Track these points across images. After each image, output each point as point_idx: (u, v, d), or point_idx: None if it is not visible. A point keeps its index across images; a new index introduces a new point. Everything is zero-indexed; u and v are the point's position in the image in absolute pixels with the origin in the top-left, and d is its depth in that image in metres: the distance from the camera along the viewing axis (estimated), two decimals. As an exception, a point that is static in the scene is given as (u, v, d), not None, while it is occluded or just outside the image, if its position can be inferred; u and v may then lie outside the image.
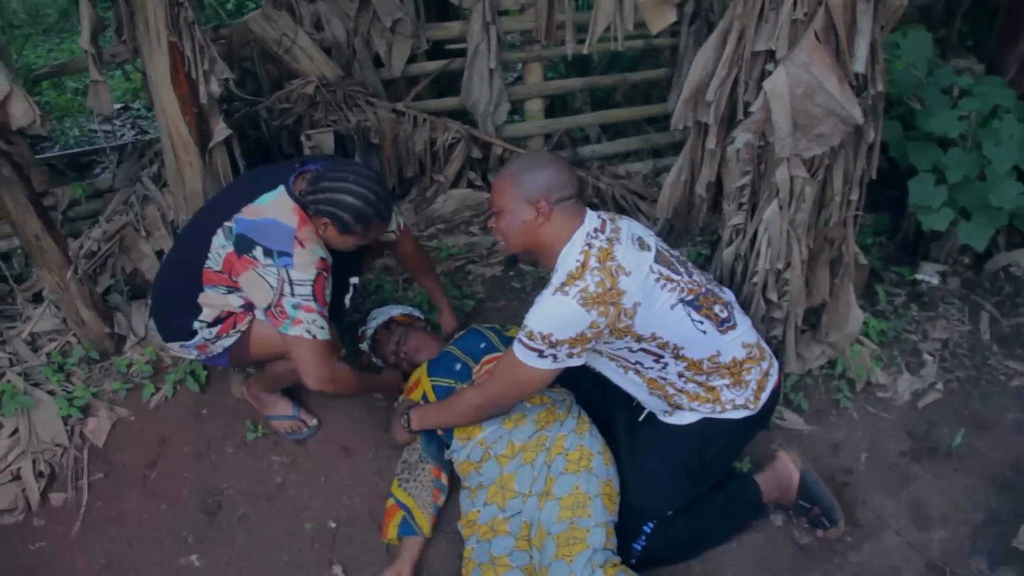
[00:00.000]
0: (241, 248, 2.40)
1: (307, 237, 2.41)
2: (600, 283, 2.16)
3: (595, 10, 2.74)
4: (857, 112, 2.33)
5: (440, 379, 2.77)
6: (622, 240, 2.30)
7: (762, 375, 2.46)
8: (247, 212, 2.43)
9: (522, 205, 2.28)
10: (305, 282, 2.38)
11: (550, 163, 2.33)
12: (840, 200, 2.68)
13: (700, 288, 2.38)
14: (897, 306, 3.51)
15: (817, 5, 2.30)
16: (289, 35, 3.37)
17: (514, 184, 2.30)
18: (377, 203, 2.41)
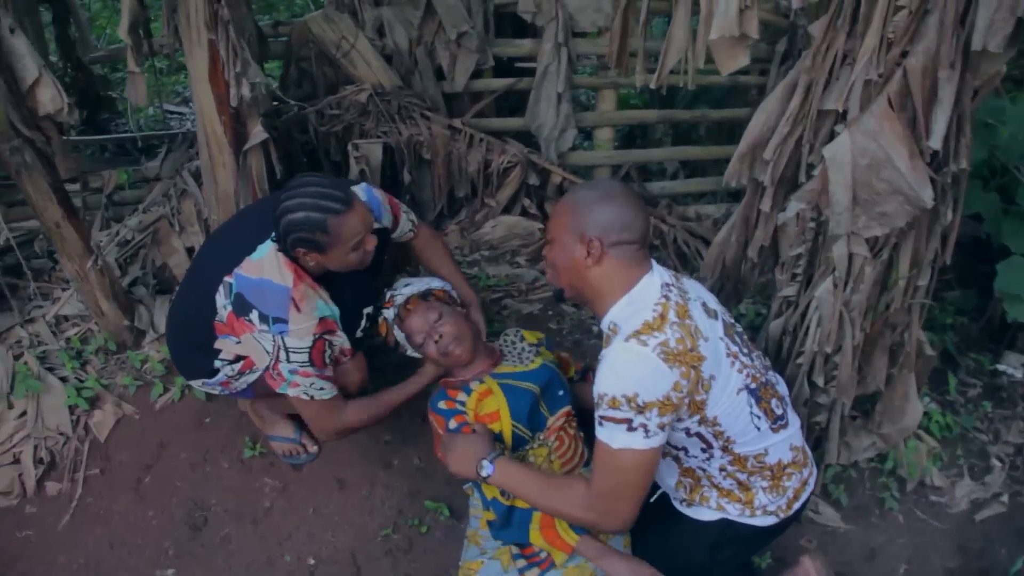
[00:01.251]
0: (239, 310, 2.28)
1: (304, 296, 2.26)
2: (681, 340, 1.88)
3: (666, 43, 2.51)
4: (927, 194, 2.04)
5: (520, 427, 2.31)
6: (691, 300, 2.04)
7: (801, 483, 2.19)
8: (246, 268, 2.29)
9: (574, 239, 2.00)
10: (301, 350, 2.24)
11: (615, 198, 2.02)
12: (905, 285, 2.38)
13: (761, 376, 2.13)
14: (969, 399, 3.16)
15: (895, 66, 2.03)
16: (348, 39, 3.25)
17: (570, 214, 2.03)
18: (318, 202, 2.17)
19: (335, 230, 2.19)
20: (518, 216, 3.56)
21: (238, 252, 2.31)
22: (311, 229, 2.18)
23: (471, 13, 3.34)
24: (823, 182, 2.14)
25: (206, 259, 2.52)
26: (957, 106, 2.07)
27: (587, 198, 2.03)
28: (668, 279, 2.04)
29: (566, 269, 2.06)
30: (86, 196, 3.48)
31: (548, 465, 2.28)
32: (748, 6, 2.20)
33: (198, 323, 2.39)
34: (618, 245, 1.98)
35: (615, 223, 1.98)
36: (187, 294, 2.54)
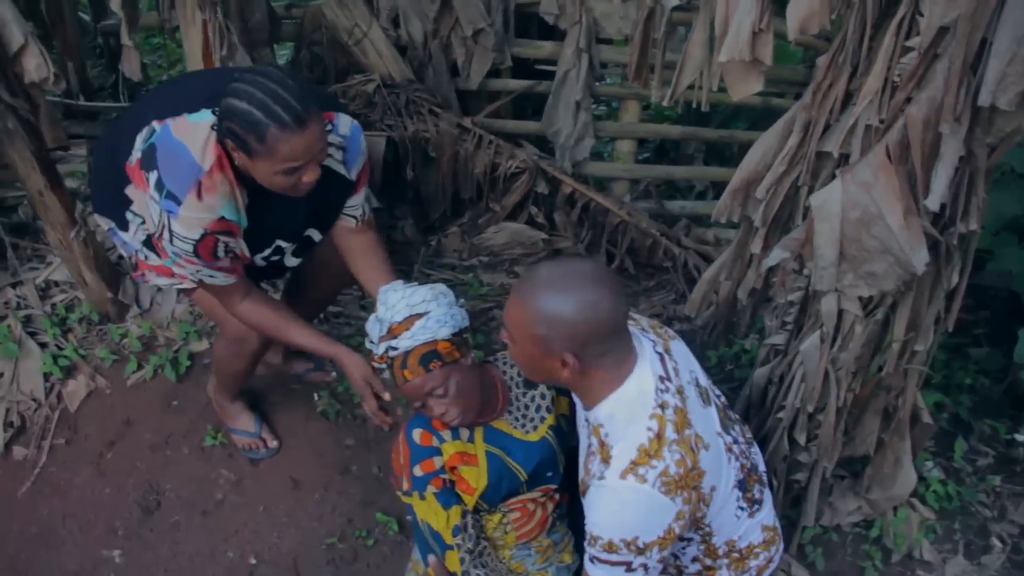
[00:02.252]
0: (145, 163, 1.99)
1: (214, 186, 1.94)
2: (681, 462, 1.66)
3: (681, 60, 2.36)
4: (920, 259, 1.85)
5: (485, 505, 2.09)
6: (685, 385, 1.81)
7: (766, 561, 2.02)
8: (176, 124, 1.99)
9: (541, 352, 1.68)
10: (186, 239, 1.96)
11: (585, 299, 1.63)
12: (901, 348, 2.19)
13: (747, 461, 1.96)
14: (978, 469, 2.94)
15: (898, 113, 1.84)
16: (362, 26, 3.16)
17: (533, 323, 1.65)
18: (268, 102, 1.80)
19: (271, 142, 1.84)
20: (523, 224, 3.43)
21: (181, 105, 2.03)
22: (247, 127, 1.84)
23: (490, 10, 3.22)
24: (808, 232, 1.97)
25: (154, 96, 2.33)
26: (969, 162, 1.88)
27: (551, 306, 1.64)
28: (659, 368, 1.77)
29: (535, 372, 1.79)
30: (91, 162, 3.46)
31: (502, 534, 2.11)
32: (762, 30, 2.04)
33: (118, 158, 2.12)
34: (599, 356, 1.69)
35: (592, 335, 1.65)
36: (122, 123, 2.24)
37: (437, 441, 2.03)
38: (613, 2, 3.23)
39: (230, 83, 1.88)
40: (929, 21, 1.71)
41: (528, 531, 2.13)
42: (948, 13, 1.69)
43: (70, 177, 3.50)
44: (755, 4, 2.00)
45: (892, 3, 1.82)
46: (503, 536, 2.12)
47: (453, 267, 3.34)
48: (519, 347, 1.73)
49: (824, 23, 1.83)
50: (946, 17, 1.69)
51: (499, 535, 2.12)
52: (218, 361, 2.62)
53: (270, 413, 2.85)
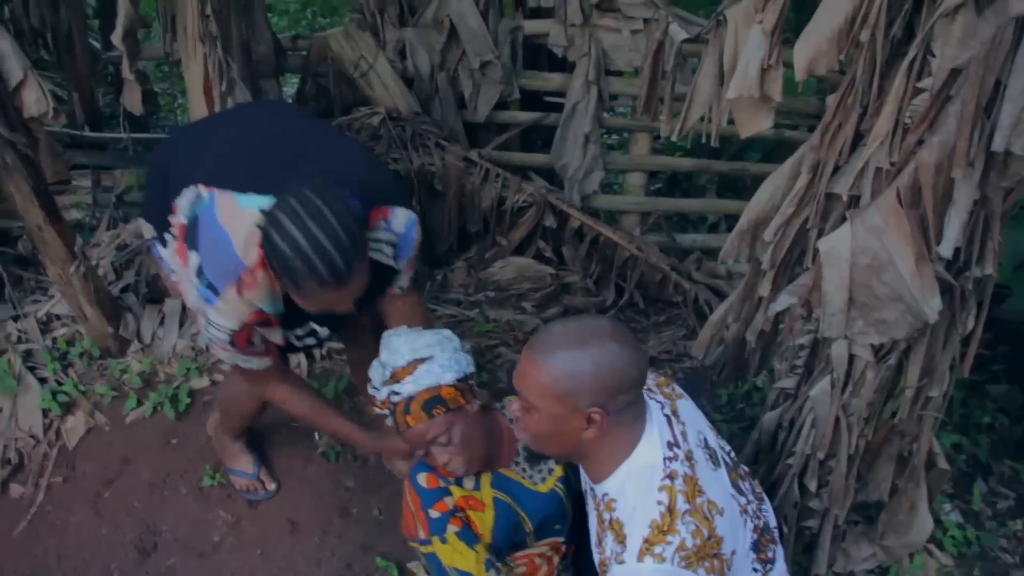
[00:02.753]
0: (187, 237, 1.92)
1: (255, 283, 1.87)
2: (696, 532, 1.59)
3: (690, 95, 2.31)
4: (932, 308, 1.78)
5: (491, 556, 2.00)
6: (694, 449, 1.74)
7: None
8: (223, 203, 1.88)
9: (567, 411, 1.62)
10: (221, 327, 1.91)
11: (617, 351, 1.61)
12: (915, 394, 2.12)
13: (759, 520, 1.88)
14: (998, 512, 2.84)
15: (910, 155, 1.78)
16: (367, 59, 3.13)
17: (560, 380, 1.60)
18: (311, 256, 1.69)
19: (307, 292, 1.79)
20: (530, 259, 3.38)
21: (233, 171, 1.93)
22: (284, 270, 1.76)
23: (498, 42, 3.18)
24: (816, 278, 1.91)
25: (209, 131, 2.16)
26: (984, 206, 1.81)
27: (578, 360, 1.61)
28: (667, 432, 1.71)
29: (553, 440, 1.70)
30: (97, 193, 3.45)
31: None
32: (771, 66, 1.99)
33: (168, 182, 2.04)
34: (622, 409, 1.65)
35: (623, 384, 1.62)
36: (179, 144, 2.16)
37: (444, 483, 1.98)
38: (623, 34, 3.20)
39: (289, 196, 1.74)
40: (941, 62, 1.66)
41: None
42: (960, 55, 1.63)
43: (75, 208, 3.49)
44: (764, 40, 1.96)
45: (903, 43, 1.77)
46: None
47: (459, 302, 3.28)
48: (540, 413, 1.65)
49: (832, 64, 1.78)
50: (958, 59, 1.64)
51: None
52: (227, 400, 2.57)
53: (270, 453, 2.79)
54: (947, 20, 1.64)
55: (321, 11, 5.86)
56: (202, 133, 2.17)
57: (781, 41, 1.96)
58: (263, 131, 2.08)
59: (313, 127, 2.18)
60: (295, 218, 1.70)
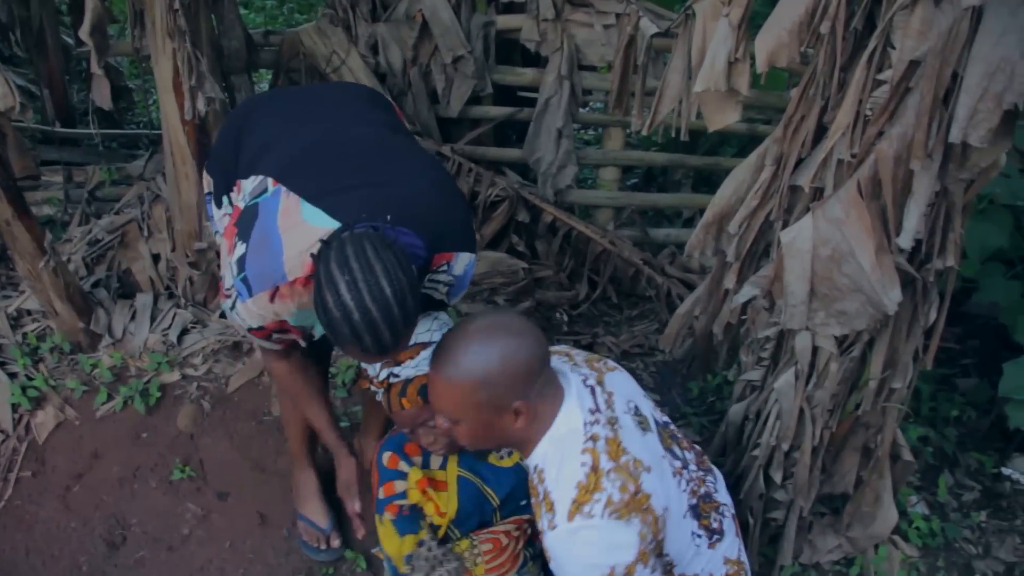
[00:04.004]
0: (240, 225, 1.86)
1: (290, 295, 1.80)
2: (623, 487, 1.64)
3: (659, 90, 2.33)
4: (892, 299, 1.81)
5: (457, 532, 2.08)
6: (619, 415, 1.78)
7: None
8: (287, 209, 1.80)
9: (492, 414, 1.68)
10: (244, 320, 1.87)
11: (517, 340, 1.67)
12: (879, 385, 2.14)
13: (700, 487, 1.91)
14: (963, 504, 2.87)
15: (871, 147, 1.80)
16: (340, 54, 3.13)
17: (475, 390, 1.65)
18: (361, 330, 1.61)
19: (347, 351, 1.72)
20: (503, 253, 3.38)
21: (310, 176, 1.85)
22: (330, 329, 1.66)
23: (470, 37, 3.19)
24: (778, 269, 1.93)
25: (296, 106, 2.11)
26: (945, 197, 1.84)
27: (480, 366, 1.64)
28: (588, 400, 1.75)
29: (486, 439, 1.77)
30: (69, 189, 3.43)
31: (471, 564, 2.05)
32: (738, 59, 2.01)
33: (240, 148, 2.02)
34: (542, 391, 1.71)
35: (532, 371, 1.68)
36: (258, 109, 2.13)
37: (405, 466, 2.03)
38: (595, 29, 3.21)
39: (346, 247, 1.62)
40: (900, 54, 1.69)
41: (499, 565, 2.08)
42: (919, 47, 1.66)
43: (47, 204, 3.46)
44: (731, 33, 1.97)
45: (863, 36, 1.79)
46: (472, 567, 2.07)
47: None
48: (467, 423, 1.70)
49: (793, 56, 1.80)
50: (917, 51, 1.66)
51: (468, 564, 2.07)
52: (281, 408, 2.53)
53: (240, 443, 2.78)
54: (906, 12, 1.67)
55: (298, 7, 5.85)
56: (288, 113, 2.09)
57: (748, 35, 1.98)
58: (346, 134, 2.00)
59: (396, 140, 2.06)
60: (352, 287, 1.59)
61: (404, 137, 2.15)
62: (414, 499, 2.05)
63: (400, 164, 1.94)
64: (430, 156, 2.15)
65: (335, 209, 1.77)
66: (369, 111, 2.17)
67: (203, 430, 2.85)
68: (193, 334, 3.06)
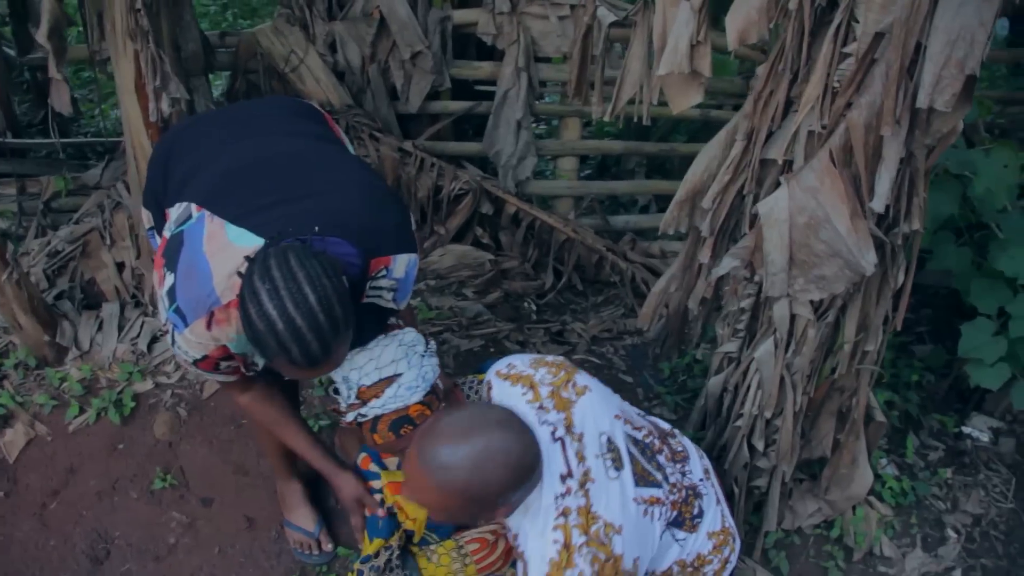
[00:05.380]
0: (167, 255, 1.81)
1: (227, 320, 1.75)
2: (594, 559, 1.68)
3: (621, 76, 2.37)
4: (868, 261, 1.88)
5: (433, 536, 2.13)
6: (592, 468, 1.78)
7: (721, 564, 2.02)
8: (211, 231, 1.76)
9: (474, 514, 1.74)
10: (187, 352, 1.81)
11: (503, 453, 1.64)
12: (852, 349, 2.23)
13: (680, 495, 1.95)
14: (929, 463, 2.99)
15: (840, 117, 1.88)
16: (298, 53, 3.12)
17: (463, 501, 1.64)
18: (287, 341, 1.59)
19: (278, 365, 1.70)
20: (468, 246, 3.41)
21: (232, 198, 1.81)
22: (256, 343, 1.65)
23: (427, 32, 3.21)
24: (757, 239, 1.99)
25: (215, 131, 2.04)
26: (909, 163, 1.92)
27: (477, 481, 1.62)
28: (559, 463, 1.74)
29: (455, 522, 1.90)
30: (23, 201, 3.35)
31: (460, 564, 2.07)
32: (700, 42, 2.06)
33: (168, 178, 1.97)
34: (527, 489, 1.72)
35: (522, 479, 1.68)
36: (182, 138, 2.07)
37: (376, 467, 2.05)
38: (550, 20, 3.25)
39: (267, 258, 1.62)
40: (864, 27, 1.75)
41: (490, 563, 2.11)
42: (882, 19, 1.73)
43: (0, 217, 3.38)
44: (692, 17, 2.02)
45: (828, 10, 1.86)
46: (462, 568, 2.08)
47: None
48: (447, 515, 1.73)
49: (763, 32, 1.86)
50: (880, 23, 1.73)
51: (457, 567, 2.08)
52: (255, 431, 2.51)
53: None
54: (869, -13, 1.74)
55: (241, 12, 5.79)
56: (211, 136, 2.05)
57: (708, 18, 2.04)
58: (269, 150, 1.96)
59: (322, 149, 2.04)
60: (273, 295, 1.58)
61: (330, 145, 2.12)
62: (389, 500, 2.07)
63: (326, 174, 1.91)
64: (358, 162, 2.12)
65: (260, 227, 1.74)
66: (294, 123, 2.14)
67: (181, 437, 2.81)
68: (163, 342, 3.02)
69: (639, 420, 2.01)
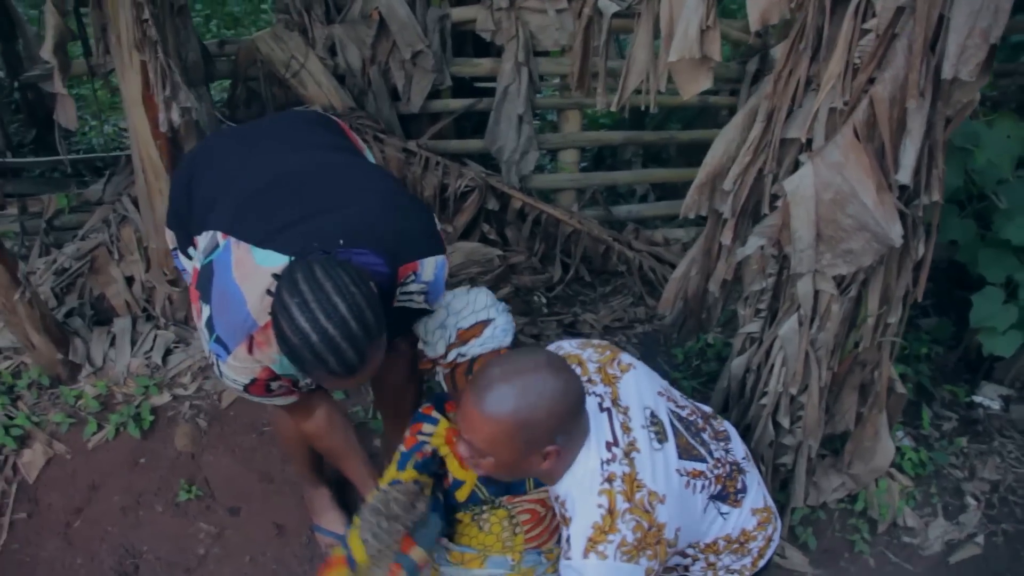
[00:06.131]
0: (200, 286, 1.83)
1: (267, 342, 1.76)
2: (637, 527, 1.69)
3: (626, 65, 2.39)
4: (896, 232, 1.91)
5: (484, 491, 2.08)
6: (638, 439, 1.80)
7: (765, 541, 2.04)
8: (239, 256, 1.78)
9: (523, 454, 1.68)
10: (234, 380, 1.84)
11: (560, 382, 1.66)
12: (875, 322, 2.25)
13: (724, 469, 1.97)
14: (944, 433, 3.03)
15: (862, 94, 1.90)
16: (298, 58, 3.11)
17: (514, 429, 1.63)
18: (322, 351, 1.61)
19: (318, 378, 1.75)
20: (476, 242, 3.41)
21: (256, 221, 1.80)
22: (293, 358, 1.67)
23: (427, 31, 3.20)
24: (784, 217, 2.01)
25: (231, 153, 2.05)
26: (929, 136, 1.95)
27: (528, 405, 1.63)
28: (606, 432, 1.77)
29: (510, 473, 1.78)
30: (24, 220, 3.31)
31: (510, 533, 2.09)
32: (710, 27, 2.08)
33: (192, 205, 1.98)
34: (575, 433, 1.73)
35: (570, 416, 1.69)
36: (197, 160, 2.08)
37: (438, 414, 2.08)
38: (548, 14, 3.26)
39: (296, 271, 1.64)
40: (885, 3, 1.78)
41: (537, 535, 2.12)
42: (903, -6, 1.75)
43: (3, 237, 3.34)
44: (701, 2, 2.04)
45: (846, -11, 1.89)
46: (511, 537, 2.10)
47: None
48: (495, 458, 1.69)
49: (785, 13, 1.88)
50: (901, -1, 1.76)
51: (507, 535, 2.10)
52: (277, 434, 2.49)
53: (244, 457, 2.74)
54: (889, -38, 1.76)
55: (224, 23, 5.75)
56: (229, 160, 2.04)
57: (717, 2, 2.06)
58: (286, 168, 1.95)
59: (339, 160, 2.07)
60: (303, 308, 1.60)
61: (347, 155, 2.14)
62: (437, 443, 2.08)
63: (345, 185, 1.93)
64: (377, 170, 2.15)
65: (285, 246, 1.75)
66: (309, 135, 2.16)
67: (203, 448, 2.80)
68: (177, 353, 3.01)
69: (682, 400, 2.03)
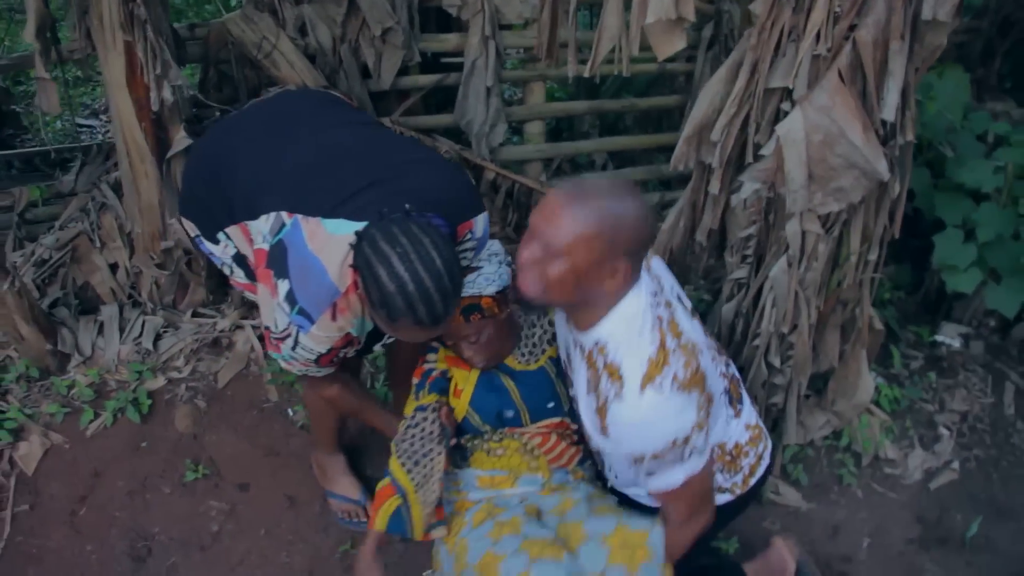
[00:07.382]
0: (272, 263, 1.89)
1: (348, 307, 1.86)
2: (687, 364, 1.75)
3: (599, 31, 2.46)
4: (883, 166, 2.04)
5: (476, 417, 2.18)
6: (676, 305, 1.89)
7: (756, 458, 2.15)
8: (311, 230, 1.85)
9: (597, 261, 1.67)
10: (312, 350, 1.93)
11: (643, 206, 1.71)
12: (856, 260, 2.39)
13: (727, 369, 2.09)
14: (913, 371, 3.21)
15: (844, 40, 2.02)
16: (270, 39, 3.11)
17: (596, 228, 1.64)
18: (416, 301, 1.68)
19: (400, 328, 1.77)
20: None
21: (319, 195, 1.88)
22: (382, 304, 1.72)
23: (395, 8, 3.23)
24: (778, 160, 2.12)
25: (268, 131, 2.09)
26: (904, 78, 2.07)
27: (617, 210, 1.65)
28: (651, 284, 1.84)
29: (571, 291, 1.72)
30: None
31: (531, 457, 2.15)
32: (684, -13, 2.17)
33: (222, 185, 2.03)
34: (640, 261, 1.77)
35: (646, 238, 1.73)
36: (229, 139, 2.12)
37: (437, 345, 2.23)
38: (512, -13, 3.32)
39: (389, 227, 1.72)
40: (864, -49, 1.90)
41: (557, 456, 2.18)
42: (881, -58, 1.87)
43: (-29, 234, 3.28)
44: (676, -35, 2.14)
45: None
46: (534, 459, 2.16)
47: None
48: (567, 263, 1.66)
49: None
50: (880, -54, 1.88)
51: (531, 462, 2.16)
52: (308, 406, 2.55)
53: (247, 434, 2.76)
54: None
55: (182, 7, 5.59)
56: (254, 140, 2.09)
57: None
58: (329, 143, 2.03)
59: (377, 134, 2.16)
60: (404, 258, 1.68)
61: (379, 128, 2.25)
62: (442, 366, 2.21)
63: (391, 155, 2.02)
64: (411, 139, 2.26)
65: (355, 214, 1.84)
66: (333, 113, 2.23)
67: (205, 428, 2.81)
68: (168, 337, 3.00)
69: None
